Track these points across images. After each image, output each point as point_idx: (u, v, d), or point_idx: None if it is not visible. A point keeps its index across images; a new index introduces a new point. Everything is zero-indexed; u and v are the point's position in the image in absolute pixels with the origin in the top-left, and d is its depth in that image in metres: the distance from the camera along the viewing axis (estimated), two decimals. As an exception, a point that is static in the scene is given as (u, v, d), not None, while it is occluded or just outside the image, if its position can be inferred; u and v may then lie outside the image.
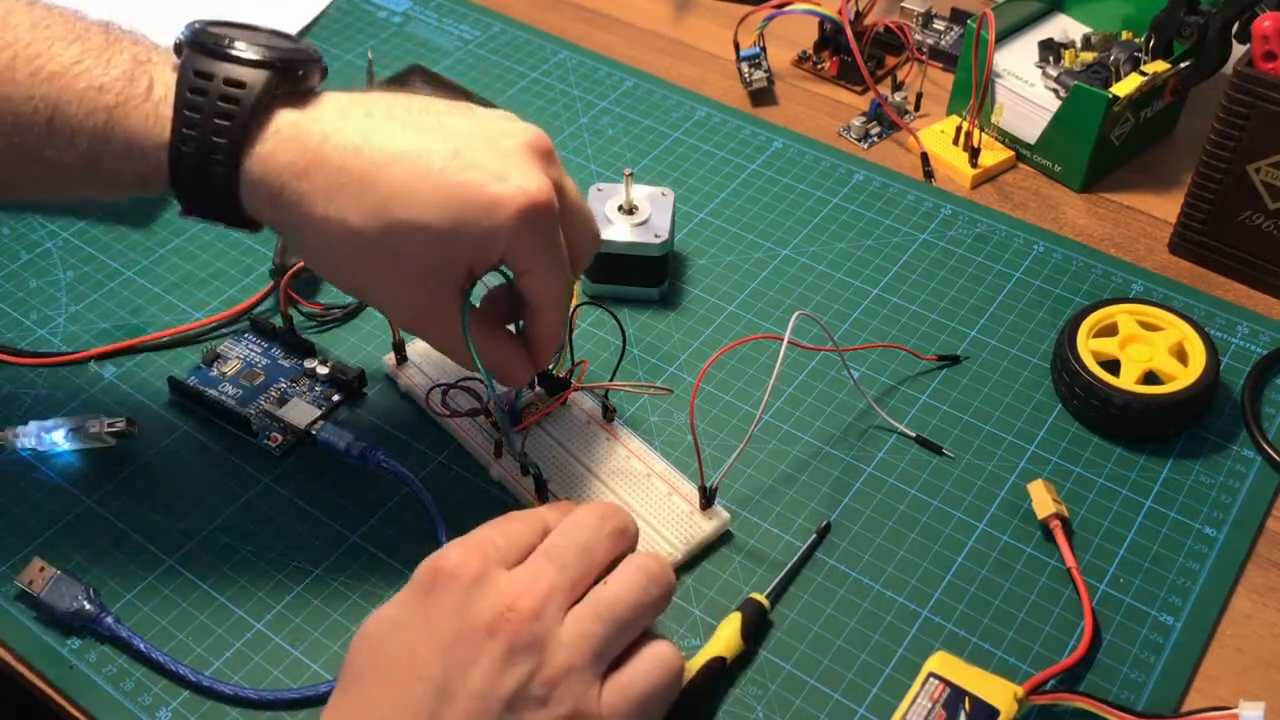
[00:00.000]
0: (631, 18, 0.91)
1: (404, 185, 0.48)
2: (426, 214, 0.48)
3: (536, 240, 0.49)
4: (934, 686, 0.50)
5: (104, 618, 0.53)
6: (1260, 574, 0.56)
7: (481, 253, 0.49)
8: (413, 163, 0.48)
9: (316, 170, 0.48)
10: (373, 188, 0.48)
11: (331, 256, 0.50)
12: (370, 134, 0.49)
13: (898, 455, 0.61)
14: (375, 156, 0.48)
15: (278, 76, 0.48)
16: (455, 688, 0.42)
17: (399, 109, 0.50)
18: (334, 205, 0.48)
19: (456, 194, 0.48)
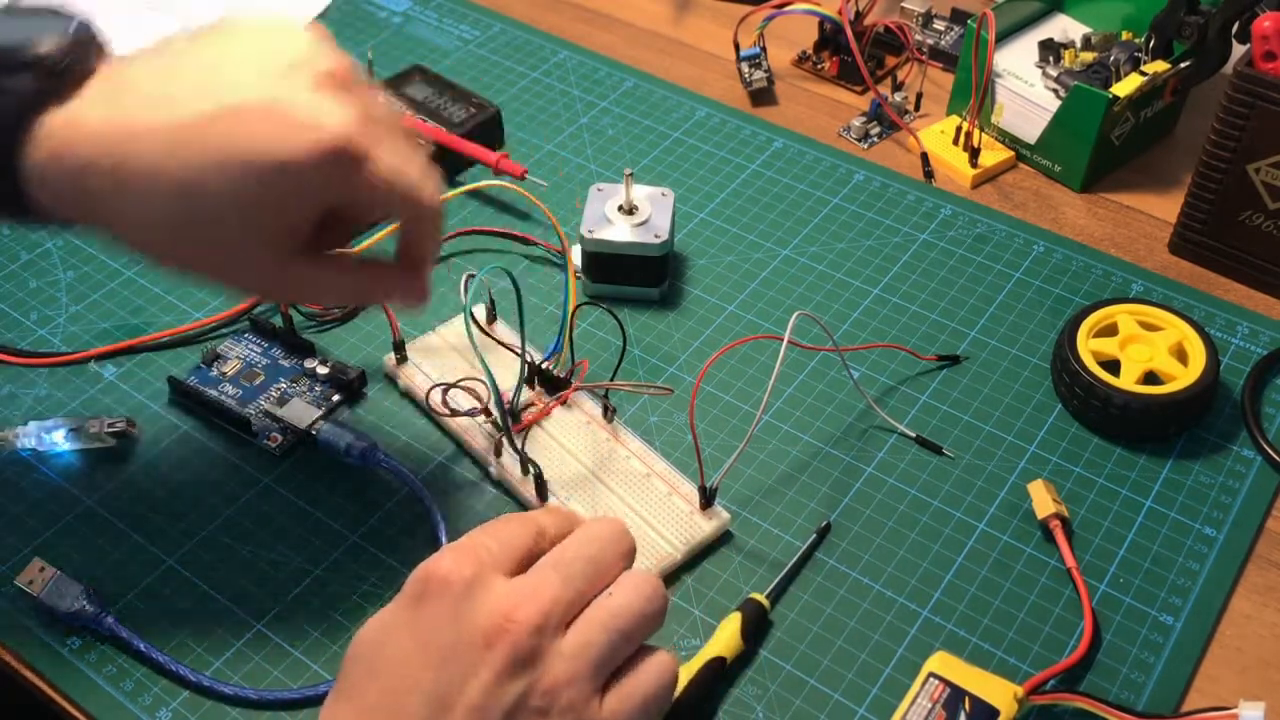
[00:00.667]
0: (631, 18, 0.91)
1: (187, 164, 0.45)
2: (222, 192, 0.45)
3: (353, 180, 0.46)
4: (934, 686, 0.50)
5: (104, 618, 0.53)
6: (1260, 574, 0.56)
7: (300, 213, 0.47)
8: (190, 138, 0.45)
9: (94, 169, 0.45)
10: (158, 176, 0.45)
11: (152, 249, 0.48)
12: (141, 114, 0.45)
13: (898, 455, 0.61)
14: (151, 143, 0.45)
15: (40, 77, 0.46)
16: (453, 699, 0.41)
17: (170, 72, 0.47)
18: (128, 202, 0.46)
19: (245, 163, 0.45)
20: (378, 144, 0.47)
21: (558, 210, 0.73)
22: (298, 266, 0.49)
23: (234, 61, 0.46)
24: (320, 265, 0.50)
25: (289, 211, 0.47)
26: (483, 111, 0.78)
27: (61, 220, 0.48)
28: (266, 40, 0.47)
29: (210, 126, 0.45)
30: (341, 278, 0.51)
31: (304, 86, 0.46)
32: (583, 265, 0.68)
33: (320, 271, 0.50)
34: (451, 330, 0.66)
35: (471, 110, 0.78)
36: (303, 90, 0.45)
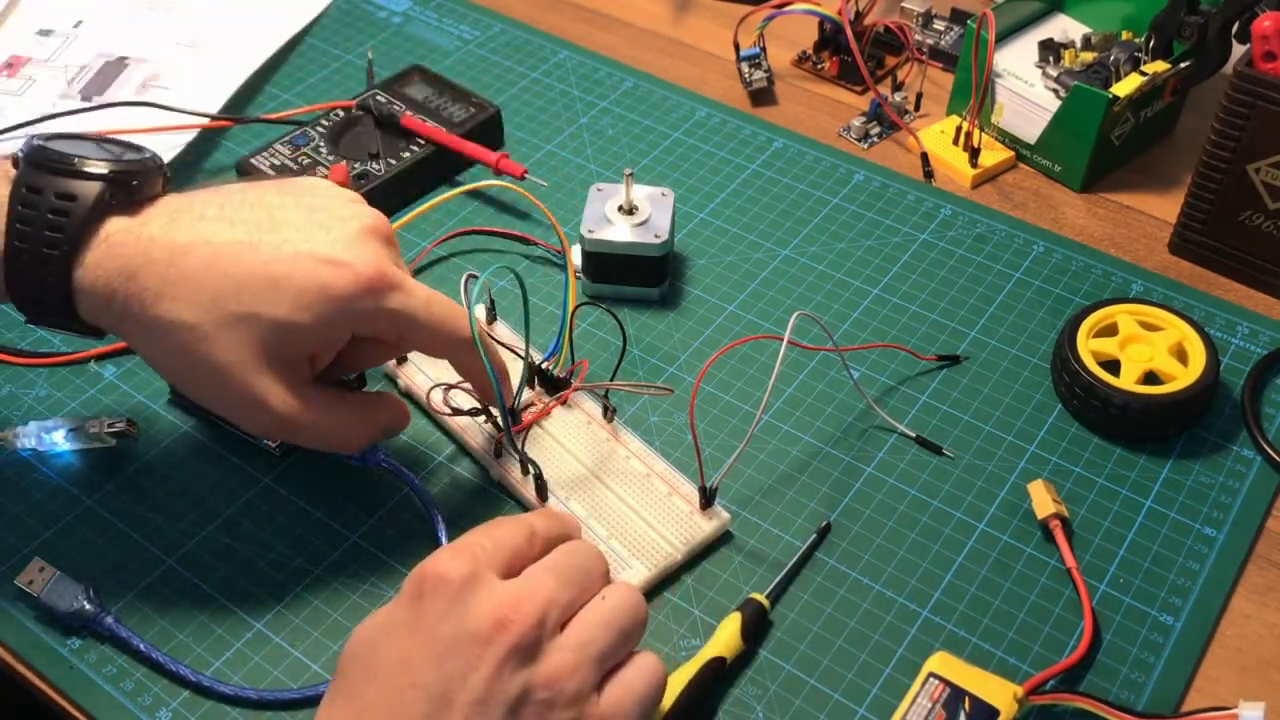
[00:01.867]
0: (631, 18, 0.91)
1: (232, 277, 0.49)
2: (258, 304, 0.49)
3: (387, 308, 0.51)
4: (934, 686, 0.50)
5: (104, 618, 0.53)
6: (1260, 574, 0.56)
7: (322, 336, 0.51)
8: (240, 254, 0.49)
9: (145, 272, 0.49)
10: (201, 283, 0.49)
11: (173, 358, 0.51)
12: (199, 231, 0.50)
13: (898, 455, 0.61)
14: (203, 251, 0.49)
15: (110, 188, 0.49)
16: (454, 694, 0.42)
17: (231, 206, 0.51)
18: (164, 304, 0.49)
19: (284, 281, 0.49)
20: (411, 280, 0.52)
21: (558, 210, 0.73)
22: (304, 398, 0.52)
23: (287, 201, 0.52)
24: (326, 397, 0.53)
25: (315, 334, 0.50)
26: (483, 111, 0.78)
27: (101, 326, 0.51)
28: (317, 189, 0.53)
29: (258, 247, 0.50)
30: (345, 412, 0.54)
31: (349, 228, 0.51)
32: (583, 265, 0.68)
33: (326, 404, 0.53)
34: (451, 330, 0.66)
35: (471, 110, 0.78)
36: (348, 230, 0.51)
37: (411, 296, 0.52)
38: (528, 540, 0.48)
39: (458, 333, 0.53)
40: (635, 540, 0.56)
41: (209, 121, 0.78)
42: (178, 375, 0.52)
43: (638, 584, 0.54)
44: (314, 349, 0.52)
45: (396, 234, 0.55)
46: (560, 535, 0.50)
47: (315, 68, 0.86)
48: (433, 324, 0.52)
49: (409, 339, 0.53)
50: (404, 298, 0.51)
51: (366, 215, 0.53)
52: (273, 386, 0.51)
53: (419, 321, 0.52)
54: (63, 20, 0.87)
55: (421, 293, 0.52)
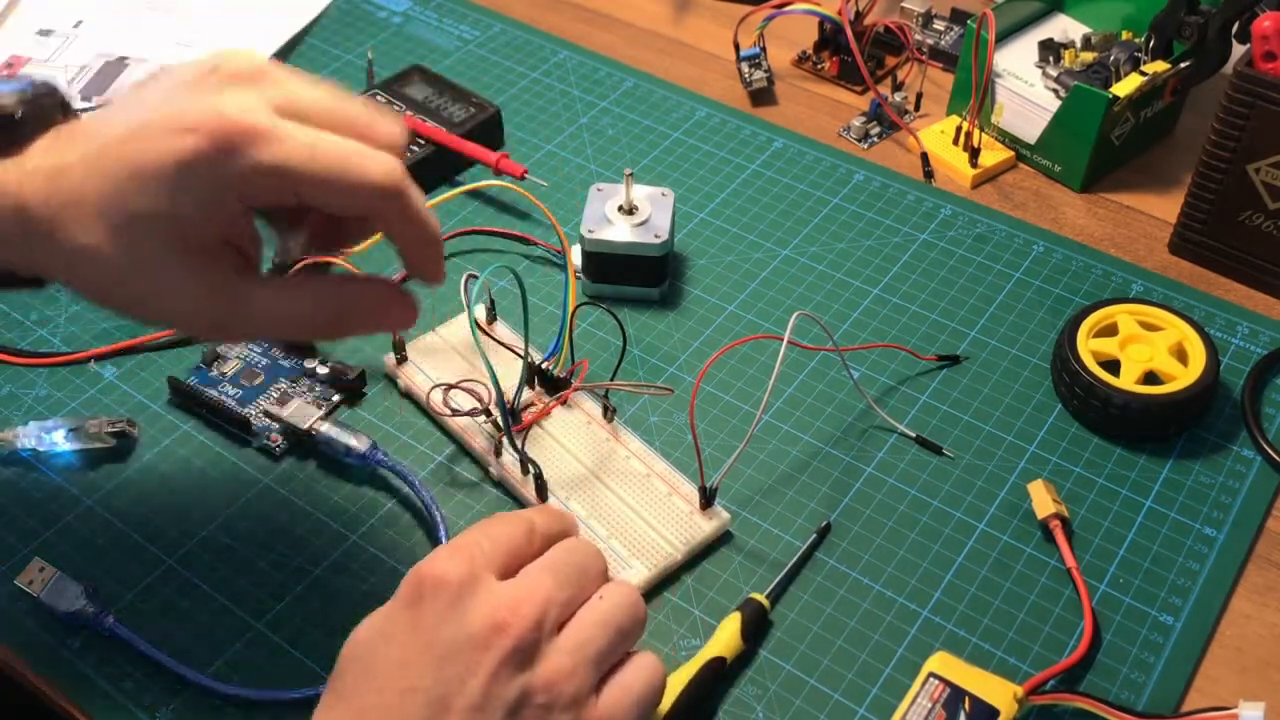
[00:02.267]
0: (631, 18, 0.91)
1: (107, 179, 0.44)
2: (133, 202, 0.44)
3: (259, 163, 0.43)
4: (934, 686, 0.50)
5: (104, 618, 0.53)
6: (1260, 574, 0.56)
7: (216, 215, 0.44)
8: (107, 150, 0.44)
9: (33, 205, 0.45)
10: (82, 200, 0.44)
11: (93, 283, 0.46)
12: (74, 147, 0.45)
13: (898, 455, 0.61)
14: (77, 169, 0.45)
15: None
16: (453, 698, 0.41)
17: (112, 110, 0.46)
18: (61, 232, 0.45)
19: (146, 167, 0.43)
20: (288, 125, 0.44)
21: (558, 210, 0.73)
22: (243, 286, 0.46)
23: (155, 87, 0.46)
24: (271, 284, 0.47)
25: (204, 214, 0.44)
26: (483, 111, 0.78)
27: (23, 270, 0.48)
28: (191, 62, 0.47)
29: (122, 146, 0.44)
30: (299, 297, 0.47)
31: (209, 90, 0.44)
32: (583, 265, 0.68)
33: (272, 291, 0.47)
34: (451, 330, 0.66)
35: (471, 110, 0.78)
36: (208, 93, 0.44)
37: (287, 143, 0.43)
38: (526, 537, 0.47)
39: (362, 178, 0.44)
40: (635, 540, 0.56)
41: (209, 121, 0.78)
42: (104, 300, 0.47)
43: (638, 584, 0.54)
44: (214, 230, 0.45)
45: None
46: (559, 532, 0.49)
47: (315, 68, 0.86)
48: (323, 172, 0.44)
49: (306, 195, 0.44)
50: (277, 148, 0.43)
51: (229, 65, 0.45)
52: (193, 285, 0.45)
53: (303, 172, 0.43)
54: (63, 20, 0.87)
55: (302, 136, 0.43)
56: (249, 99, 0.44)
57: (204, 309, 0.46)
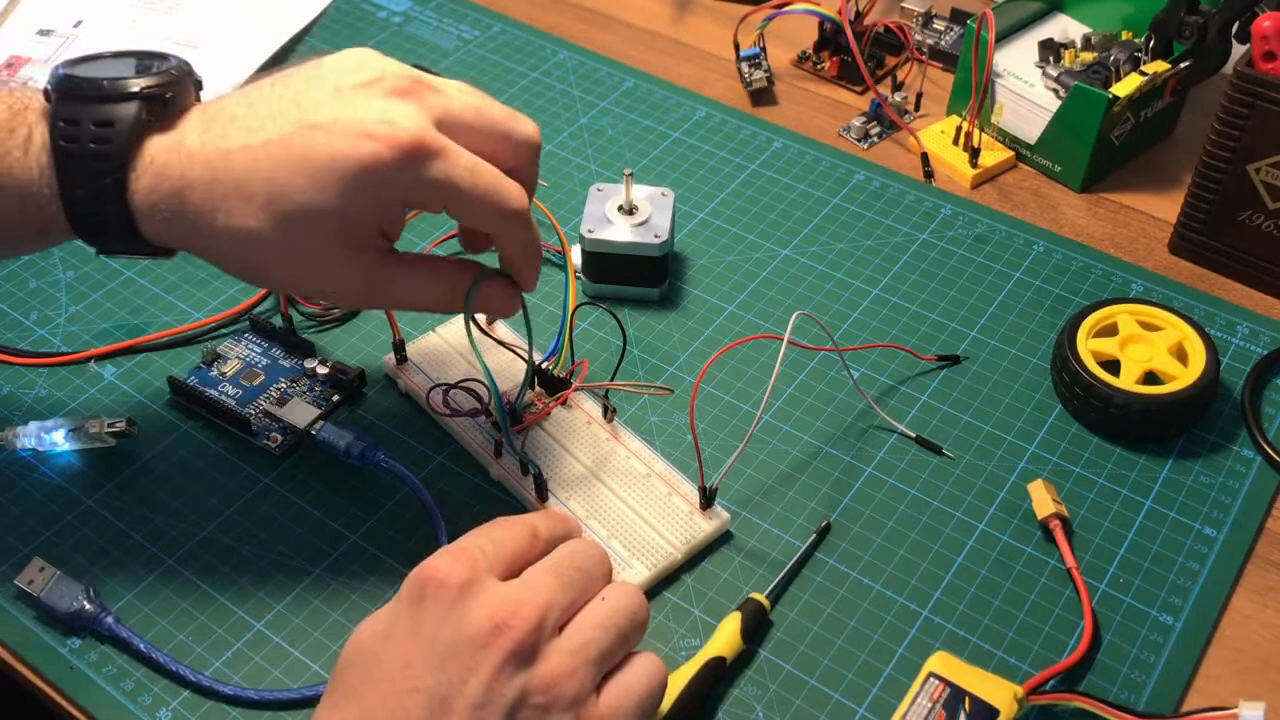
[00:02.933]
0: (631, 18, 0.91)
1: (275, 178, 0.48)
2: (307, 199, 0.48)
3: (429, 178, 0.48)
4: (934, 686, 0.50)
5: (104, 618, 0.53)
6: (1260, 574, 0.56)
7: (382, 214, 0.49)
8: (276, 153, 0.48)
9: (191, 190, 0.48)
10: (249, 191, 0.48)
11: (250, 263, 0.51)
12: (233, 137, 0.49)
13: (898, 455, 0.61)
14: (241, 158, 0.48)
15: (145, 105, 0.49)
16: (453, 699, 0.42)
17: (261, 102, 0.50)
18: (220, 218, 0.48)
19: (325, 170, 0.47)
20: (454, 145, 0.49)
21: (558, 210, 0.73)
22: (388, 269, 0.51)
23: (312, 87, 0.50)
24: (412, 266, 0.52)
25: (371, 213, 0.49)
26: (483, 111, 0.78)
27: (170, 245, 0.51)
28: (341, 65, 0.51)
29: (292, 141, 0.48)
30: (433, 280, 0.53)
31: (377, 97, 0.49)
32: (582, 265, 0.68)
33: (412, 272, 0.52)
34: (451, 331, 0.66)
35: (471, 110, 0.78)
36: (376, 100, 0.48)
37: (454, 163, 0.49)
38: (529, 541, 0.48)
39: (504, 204, 0.50)
40: (635, 540, 0.56)
41: (209, 121, 0.78)
42: (258, 278, 0.53)
43: (638, 584, 0.54)
44: (375, 225, 0.50)
45: None
46: (562, 535, 0.50)
47: (315, 68, 0.86)
48: (477, 193, 0.49)
49: (455, 209, 0.50)
50: (445, 165, 0.48)
51: (392, 75, 0.50)
52: (348, 267, 0.50)
53: (463, 190, 0.49)
54: (63, 20, 0.87)
55: (465, 159, 0.49)
56: (419, 113, 0.49)
57: (356, 288, 0.51)
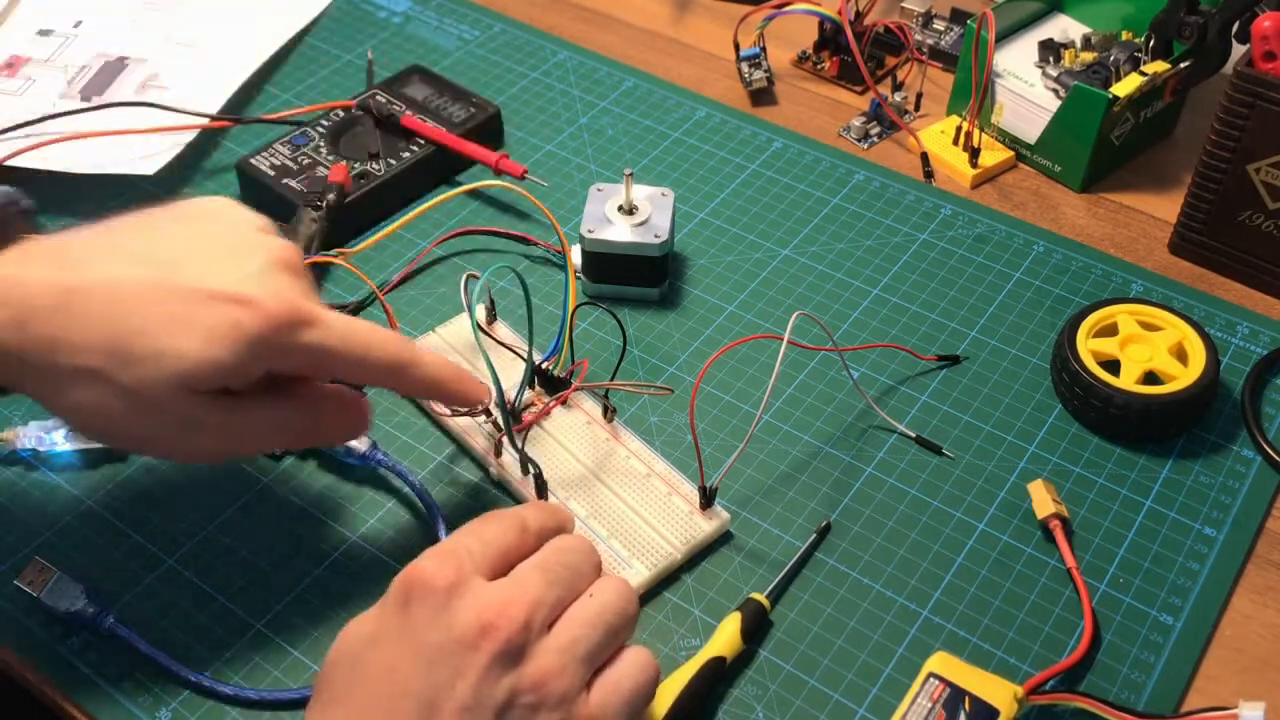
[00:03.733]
0: (631, 18, 0.91)
1: (135, 315, 0.45)
2: (164, 343, 0.45)
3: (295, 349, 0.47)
4: (934, 686, 0.50)
5: (104, 618, 0.53)
6: (1260, 574, 0.56)
7: (234, 373, 0.47)
8: (140, 292, 0.46)
9: (35, 320, 0.45)
10: (100, 325, 0.45)
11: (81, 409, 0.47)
12: (92, 271, 0.46)
13: (898, 455, 0.61)
14: (100, 293, 0.45)
15: None
16: (442, 702, 0.42)
17: (125, 240, 0.48)
18: (61, 352, 0.45)
19: (191, 319, 0.46)
20: (328, 313, 0.48)
21: (558, 210, 0.73)
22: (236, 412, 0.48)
23: (190, 237, 0.48)
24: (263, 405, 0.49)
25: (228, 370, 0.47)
26: (483, 111, 0.78)
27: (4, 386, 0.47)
28: (224, 223, 0.49)
29: (161, 283, 0.46)
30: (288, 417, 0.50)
31: (258, 266, 0.48)
32: (582, 265, 0.68)
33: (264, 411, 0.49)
34: (451, 330, 0.66)
35: (471, 110, 0.78)
36: (256, 269, 0.47)
37: (327, 330, 0.48)
38: (518, 535, 0.47)
39: (385, 357, 0.50)
40: (635, 540, 0.56)
41: (209, 121, 0.78)
42: (89, 425, 0.48)
43: (638, 584, 0.54)
44: (225, 384, 0.47)
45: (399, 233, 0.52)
46: (554, 527, 0.49)
47: (315, 68, 0.86)
48: (354, 355, 0.49)
49: (330, 372, 0.50)
50: (318, 333, 0.48)
51: (274, 246, 0.49)
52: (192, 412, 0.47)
53: (337, 354, 0.49)
54: (63, 20, 0.87)
55: (338, 324, 0.49)
56: (299, 286, 0.48)
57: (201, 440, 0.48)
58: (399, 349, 0.51)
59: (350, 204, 0.71)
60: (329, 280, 0.70)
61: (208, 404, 0.47)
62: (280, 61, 0.86)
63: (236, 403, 0.48)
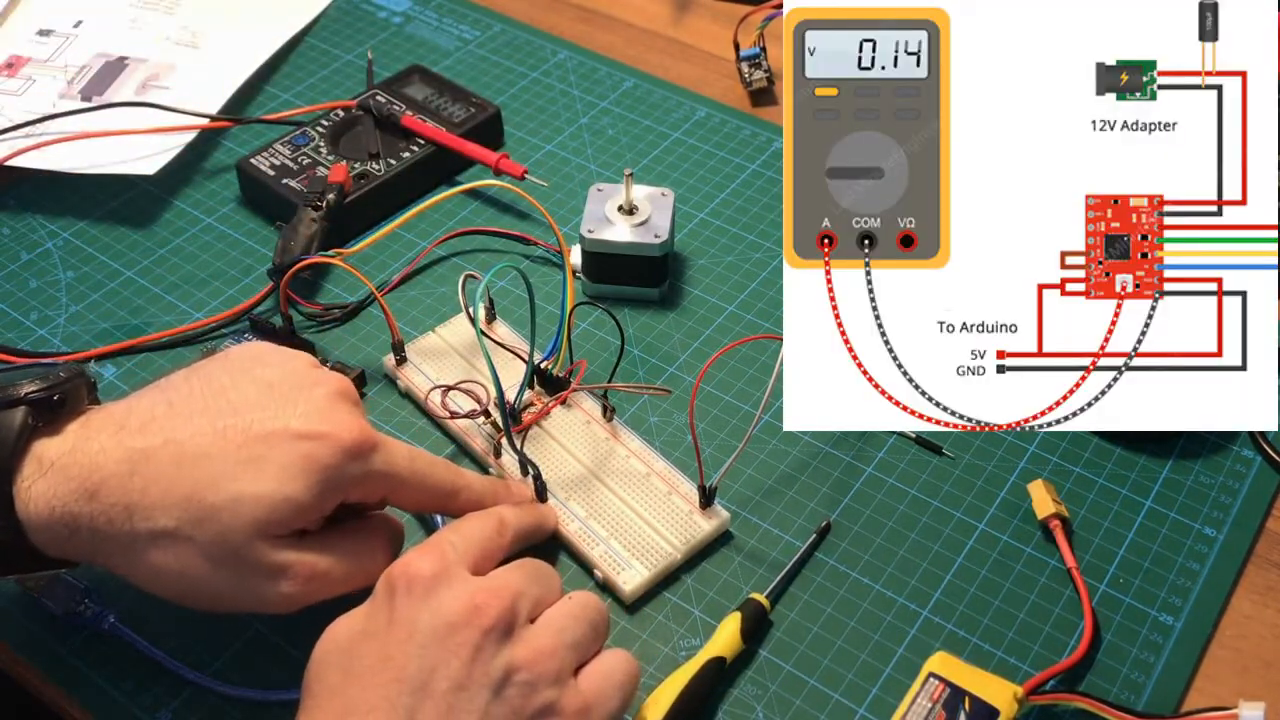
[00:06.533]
0: (631, 18, 0.91)
1: (204, 469, 0.45)
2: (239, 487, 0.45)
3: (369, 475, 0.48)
4: (934, 686, 0.50)
5: (104, 618, 0.53)
6: (1260, 574, 0.56)
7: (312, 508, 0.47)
8: (208, 445, 0.46)
9: (106, 488, 0.45)
10: (172, 483, 0.45)
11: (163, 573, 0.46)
12: (155, 433, 0.46)
13: (898, 455, 0.61)
14: (167, 452, 0.46)
15: (30, 411, 0.46)
16: (435, 683, 0.42)
17: (180, 399, 0.48)
18: (137, 517, 0.45)
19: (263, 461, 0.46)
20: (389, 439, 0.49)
21: (558, 210, 0.73)
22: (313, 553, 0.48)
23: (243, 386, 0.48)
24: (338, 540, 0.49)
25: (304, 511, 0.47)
26: (483, 111, 0.78)
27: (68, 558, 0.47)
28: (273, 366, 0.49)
29: (226, 434, 0.46)
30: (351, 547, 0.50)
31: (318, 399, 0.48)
32: (583, 265, 0.68)
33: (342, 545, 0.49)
34: (450, 331, 0.66)
35: (471, 110, 0.78)
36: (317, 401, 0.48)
37: (394, 454, 0.49)
38: (497, 531, 0.50)
39: (444, 479, 0.52)
40: (635, 540, 0.56)
41: (209, 122, 0.78)
42: (171, 589, 0.47)
43: (638, 584, 0.54)
44: (302, 523, 0.47)
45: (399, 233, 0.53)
46: (531, 525, 0.52)
47: (315, 68, 0.86)
48: (417, 479, 0.50)
49: (395, 497, 0.51)
50: (387, 456, 0.49)
51: (330, 380, 0.49)
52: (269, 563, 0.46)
53: (405, 477, 0.50)
54: (63, 20, 0.87)
55: (402, 449, 0.50)
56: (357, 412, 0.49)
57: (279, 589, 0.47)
58: (452, 472, 0.53)
59: (350, 204, 0.71)
60: (329, 280, 0.70)
61: (286, 547, 0.47)
62: (280, 61, 0.86)
63: (314, 540, 0.48)
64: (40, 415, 0.46)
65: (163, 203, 0.75)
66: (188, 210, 0.75)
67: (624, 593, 0.54)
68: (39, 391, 0.46)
